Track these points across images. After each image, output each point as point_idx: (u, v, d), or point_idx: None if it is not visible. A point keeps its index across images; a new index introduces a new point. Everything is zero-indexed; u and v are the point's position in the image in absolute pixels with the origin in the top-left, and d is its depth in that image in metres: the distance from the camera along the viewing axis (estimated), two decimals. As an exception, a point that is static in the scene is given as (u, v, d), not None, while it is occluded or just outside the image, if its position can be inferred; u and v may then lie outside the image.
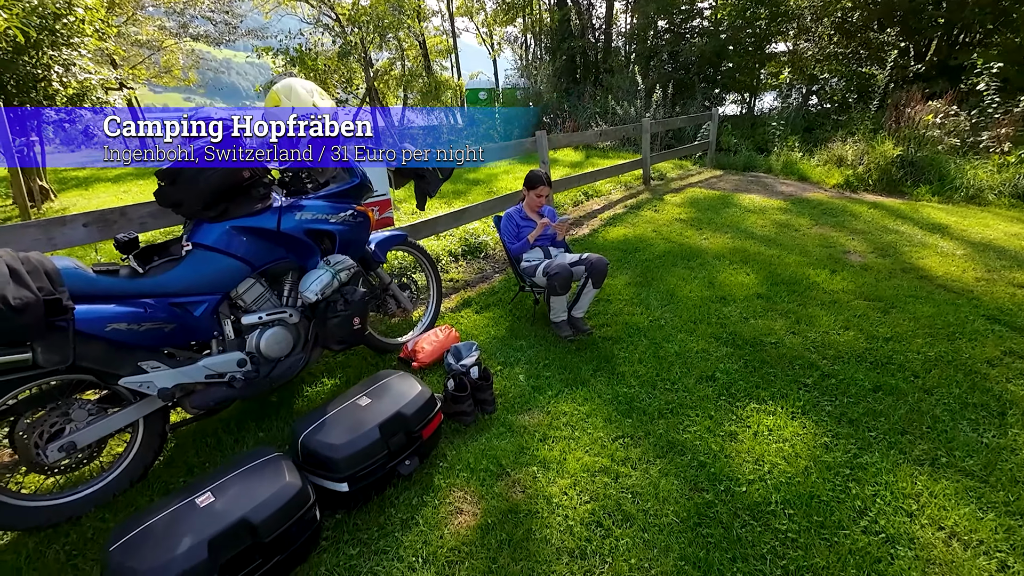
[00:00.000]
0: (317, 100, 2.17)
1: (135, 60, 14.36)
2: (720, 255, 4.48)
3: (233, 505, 1.60)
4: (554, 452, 2.17)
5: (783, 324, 3.24)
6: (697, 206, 6.20)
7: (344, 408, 2.05)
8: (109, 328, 1.85)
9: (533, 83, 18.58)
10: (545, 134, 5.33)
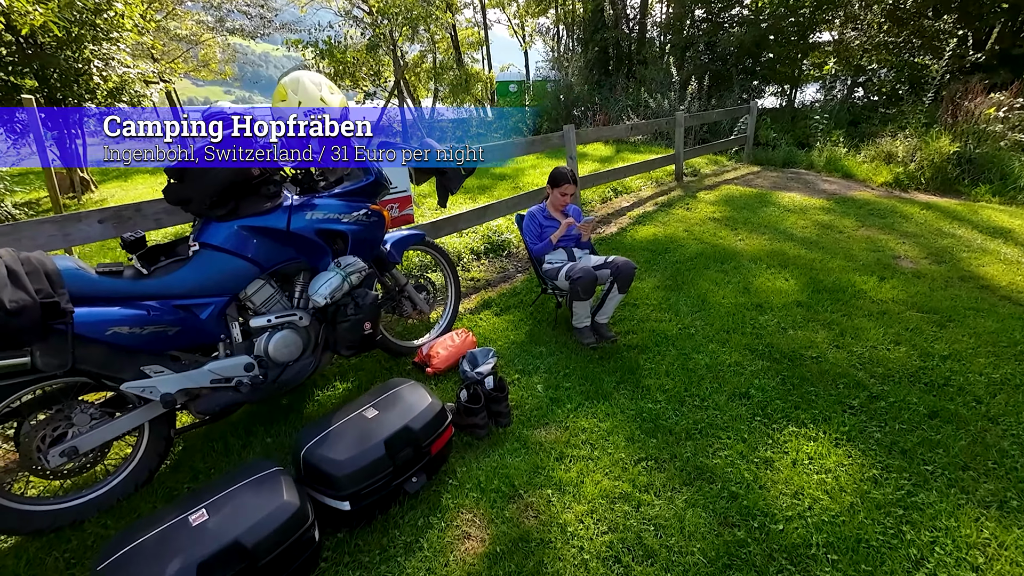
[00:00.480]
0: (325, 94, 2.06)
1: (174, 54, 14.70)
2: (756, 258, 4.22)
3: (227, 525, 1.52)
4: (571, 473, 2.02)
5: (825, 336, 2.99)
6: (732, 204, 5.89)
7: (350, 420, 1.94)
8: (110, 332, 1.78)
9: (564, 75, 18.28)
10: (573, 128, 5.13)
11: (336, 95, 2.11)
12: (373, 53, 8.26)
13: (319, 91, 2.05)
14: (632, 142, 11.02)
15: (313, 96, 2.03)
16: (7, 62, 7.53)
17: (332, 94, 2.07)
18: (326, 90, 2.06)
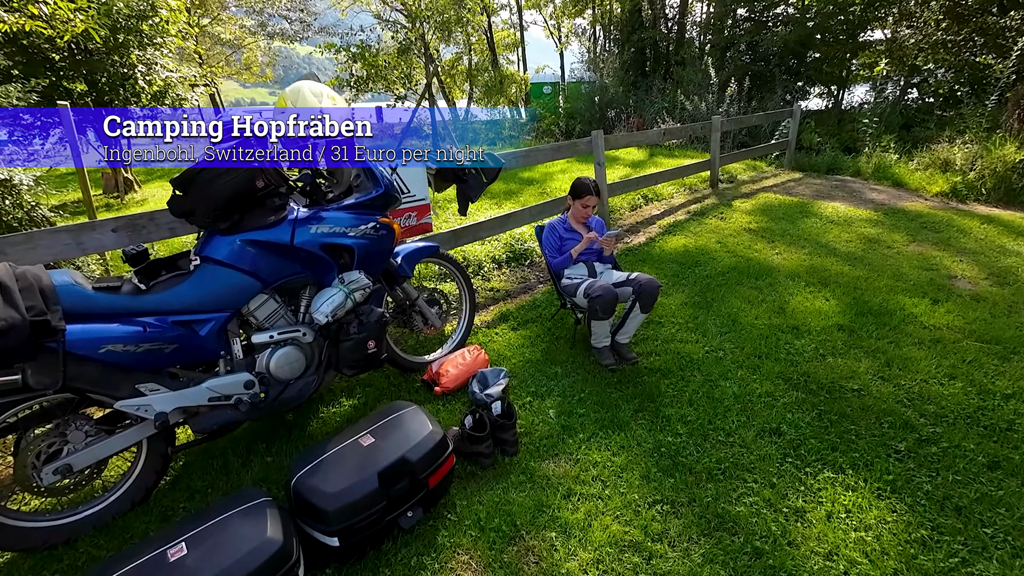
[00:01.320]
0: (325, 103, 1.98)
1: (218, 58, 15.19)
2: (795, 274, 3.95)
3: (203, 563, 1.43)
4: (578, 515, 1.87)
5: (869, 366, 2.73)
6: (770, 214, 5.58)
7: (344, 447, 1.85)
8: (104, 350, 1.74)
9: (599, 76, 18.00)
10: (601, 134, 4.95)
11: (338, 102, 2.02)
12: (404, 56, 8.27)
13: (319, 101, 1.97)
14: (667, 146, 10.70)
15: (311, 105, 1.96)
16: (60, 67, 7.88)
17: (333, 102, 1.99)
18: (326, 100, 1.99)
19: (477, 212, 5.83)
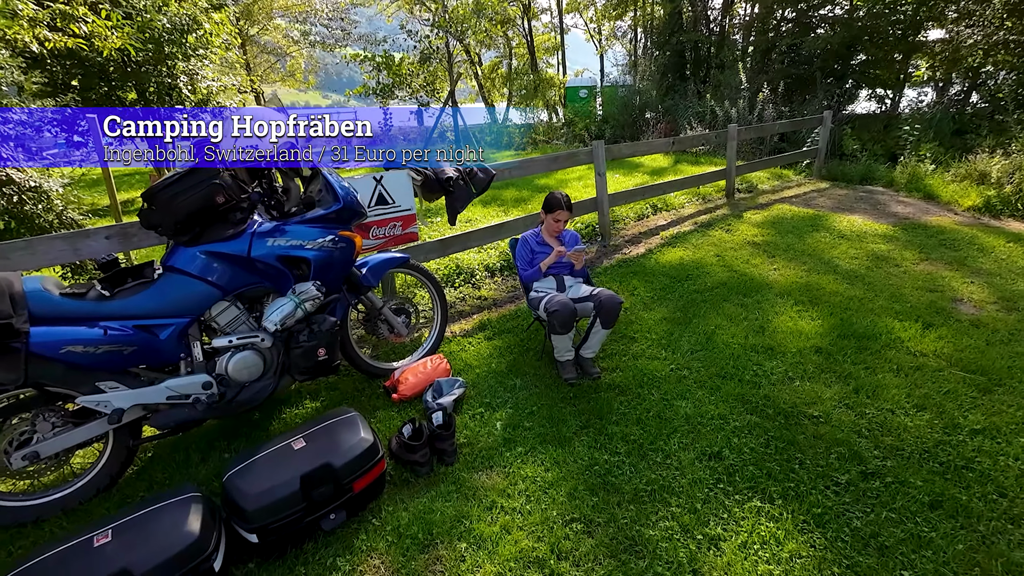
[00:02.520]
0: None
1: (264, 66, 15.96)
2: (786, 292, 3.83)
3: (123, 550, 1.58)
4: (494, 527, 1.92)
5: (836, 392, 2.64)
6: (779, 227, 5.40)
7: (275, 450, 1.97)
8: (64, 350, 1.93)
9: (636, 80, 17.77)
10: (602, 144, 4.93)
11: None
12: (426, 65, 8.47)
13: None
14: (693, 153, 10.48)
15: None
16: (113, 78, 8.52)
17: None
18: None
19: (482, 220, 5.93)
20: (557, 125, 18.51)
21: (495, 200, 6.93)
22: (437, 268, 4.47)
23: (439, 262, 4.53)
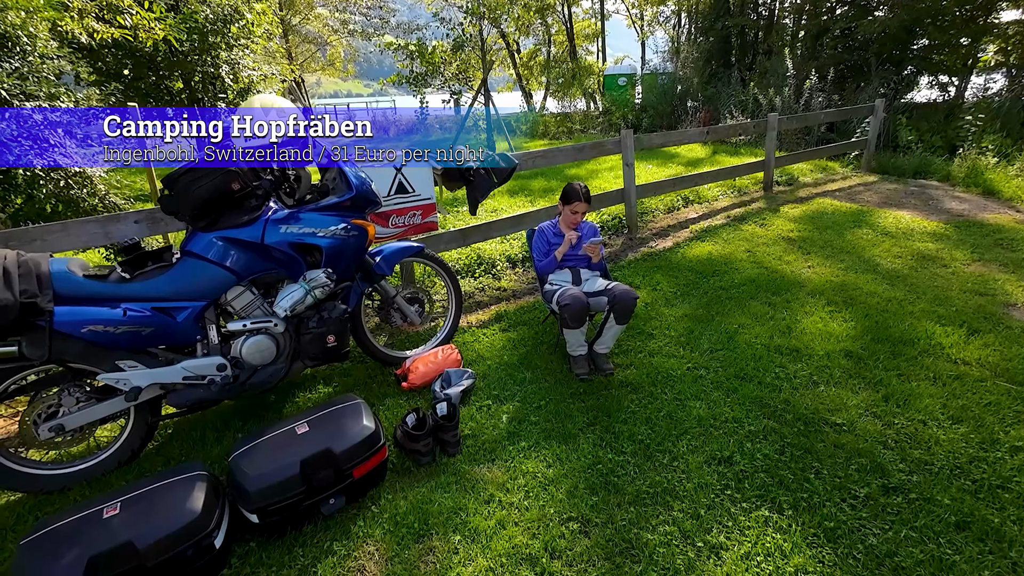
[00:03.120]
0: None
1: (305, 55, 16.30)
2: (818, 291, 3.63)
3: (129, 523, 1.64)
4: (491, 521, 1.90)
5: (864, 399, 2.49)
6: (817, 223, 5.13)
7: (279, 434, 2.01)
8: (85, 329, 2.01)
9: (677, 67, 17.21)
10: (631, 134, 4.80)
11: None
12: (459, 53, 8.44)
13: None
14: (733, 143, 10.09)
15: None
16: (160, 67, 8.86)
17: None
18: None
19: (508, 209, 5.88)
20: (594, 114, 18.20)
21: (522, 190, 6.87)
22: (458, 258, 4.47)
23: (460, 252, 4.53)
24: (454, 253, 4.49)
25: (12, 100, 3.48)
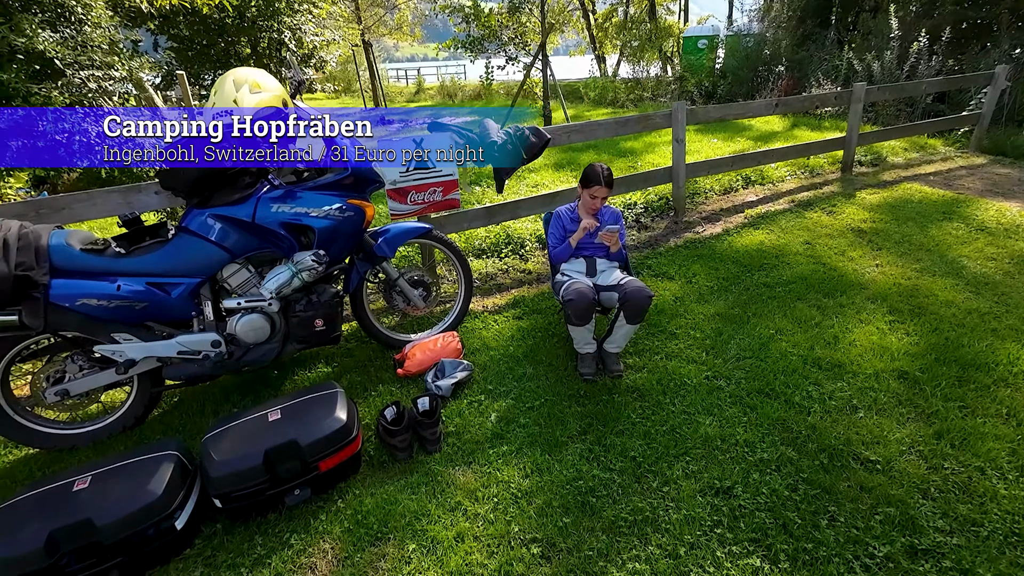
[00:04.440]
0: (243, 95, 2.01)
1: (373, 18, 16.33)
2: (882, 295, 3.15)
3: (92, 499, 1.69)
4: (451, 532, 1.80)
5: (910, 433, 2.12)
6: (898, 212, 4.47)
7: (251, 420, 1.99)
8: (79, 303, 2.07)
9: (766, 27, 15.61)
10: (683, 106, 4.34)
11: (260, 95, 2.04)
12: (515, 16, 8.03)
13: (235, 92, 2.01)
14: (817, 115, 9.05)
15: (227, 97, 2.01)
16: (230, 34, 9.14)
17: (253, 95, 2.02)
18: (245, 90, 2.01)
19: (551, 184, 5.61)
20: (666, 80, 17.05)
21: (570, 164, 6.53)
22: (486, 236, 4.31)
23: (489, 230, 4.36)
24: (482, 231, 4.33)
25: (66, 69, 3.68)
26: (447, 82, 21.01)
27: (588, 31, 23.01)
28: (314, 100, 22.78)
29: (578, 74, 24.05)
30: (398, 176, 3.29)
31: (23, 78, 3.46)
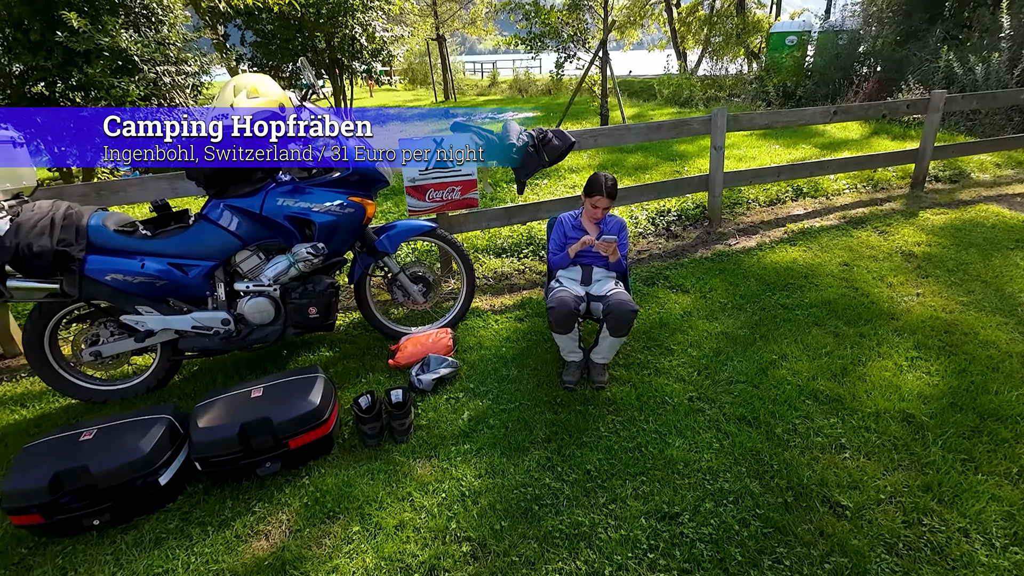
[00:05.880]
0: (240, 100, 2.17)
1: (448, 13, 16.73)
2: (912, 328, 2.89)
3: (93, 449, 1.94)
4: (394, 520, 1.90)
5: (895, 481, 1.95)
6: (961, 237, 4.02)
7: (236, 395, 2.19)
8: (108, 277, 2.36)
9: (865, 23, 14.36)
10: (724, 111, 4.15)
11: (259, 99, 2.20)
12: (575, 13, 7.94)
13: (233, 97, 2.17)
14: (901, 122, 8.25)
15: (225, 101, 2.18)
16: (307, 29, 9.75)
17: (251, 99, 2.18)
18: (243, 96, 2.17)
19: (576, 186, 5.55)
20: (746, 79, 16.17)
21: (614, 166, 6.43)
22: (508, 235, 4.37)
23: (512, 229, 4.41)
24: (505, 231, 4.40)
25: (143, 65, 4.14)
26: (520, 76, 21.11)
27: (669, 25, 22.23)
28: (390, 93, 23.75)
29: (654, 70, 23.31)
30: (417, 174, 3.42)
31: (106, 73, 3.96)
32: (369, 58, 10.48)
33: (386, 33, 10.26)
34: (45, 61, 3.84)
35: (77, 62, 3.90)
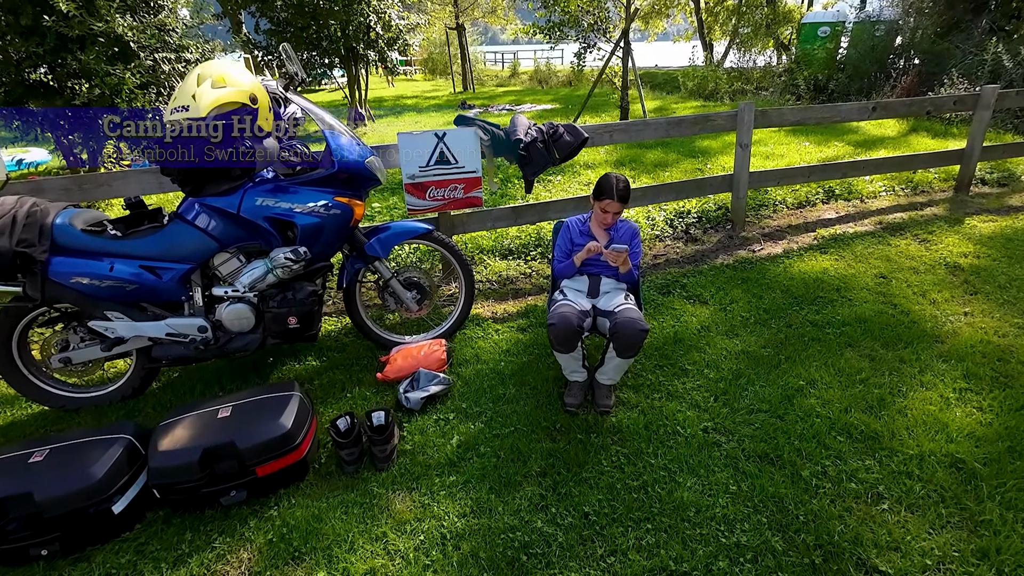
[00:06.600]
0: (203, 90, 1.94)
1: (468, 1, 16.41)
2: (960, 353, 2.57)
3: (39, 474, 1.77)
4: (363, 566, 1.69)
5: (945, 542, 1.67)
6: (1014, 248, 3.64)
7: (201, 414, 2.01)
8: (73, 280, 2.19)
9: (904, 14, 13.64)
10: (751, 107, 3.83)
11: (223, 90, 1.97)
12: (597, 1, 7.58)
13: (196, 87, 1.95)
14: (943, 119, 7.73)
15: (187, 92, 1.96)
16: (322, 15, 9.56)
17: (215, 89, 1.96)
18: (207, 85, 1.95)
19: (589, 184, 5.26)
20: (775, 71, 15.57)
21: (632, 162, 6.11)
22: (517, 236, 4.12)
23: (521, 230, 4.17)
24: (513, 231, 4.15)
25: (140, 52, 3.97)
26: (541, 66, 20.69)
27: (696, 15, 21.55)
28: (409, 82, 23.54)
29: (679, 62, 22.66)
30: (416, 170, 3.20)
31: (101, 60, 3.81)
32: (384, 47, 10.26)
33: (402, 21, 10.02)
34: (37, 47, 3.70)
35: (71, 48, 3.76)
